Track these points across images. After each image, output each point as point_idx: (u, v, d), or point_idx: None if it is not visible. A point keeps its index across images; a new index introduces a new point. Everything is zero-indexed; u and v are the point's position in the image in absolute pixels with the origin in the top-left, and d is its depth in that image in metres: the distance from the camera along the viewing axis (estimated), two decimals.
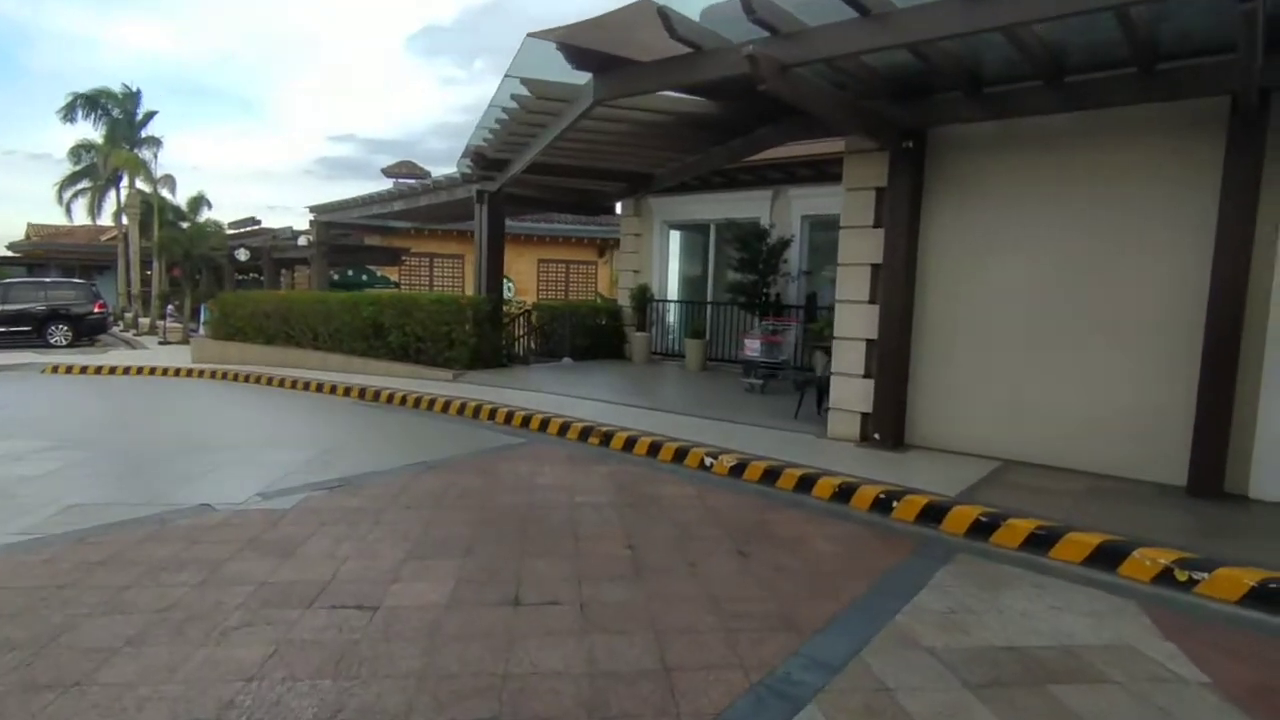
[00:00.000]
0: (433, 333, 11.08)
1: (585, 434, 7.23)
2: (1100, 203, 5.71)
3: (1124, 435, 5.63)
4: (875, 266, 6.66)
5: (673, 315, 13.50)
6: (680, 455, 6.40)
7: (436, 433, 7.63)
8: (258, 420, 8.36)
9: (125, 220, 29.98)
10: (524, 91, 6.81)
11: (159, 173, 28.36)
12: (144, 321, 25.92)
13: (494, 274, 11.53)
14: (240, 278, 27.31)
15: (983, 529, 4.57)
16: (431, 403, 9.02)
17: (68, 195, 34.21)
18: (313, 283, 18.70)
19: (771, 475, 5.76)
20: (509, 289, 26.55)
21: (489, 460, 6.35)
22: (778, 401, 9.11)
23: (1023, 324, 6.07)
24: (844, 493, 5.31)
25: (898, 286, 6.48)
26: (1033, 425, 6.01)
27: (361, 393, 9.97)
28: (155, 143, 30.50)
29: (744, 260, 11.26)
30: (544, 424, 7.67)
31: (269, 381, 11.44)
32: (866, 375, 6.74)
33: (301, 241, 18.73)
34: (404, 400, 9.36)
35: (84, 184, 34.71)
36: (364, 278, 20.35)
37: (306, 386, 10.79)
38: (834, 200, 11.35)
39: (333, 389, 10.40)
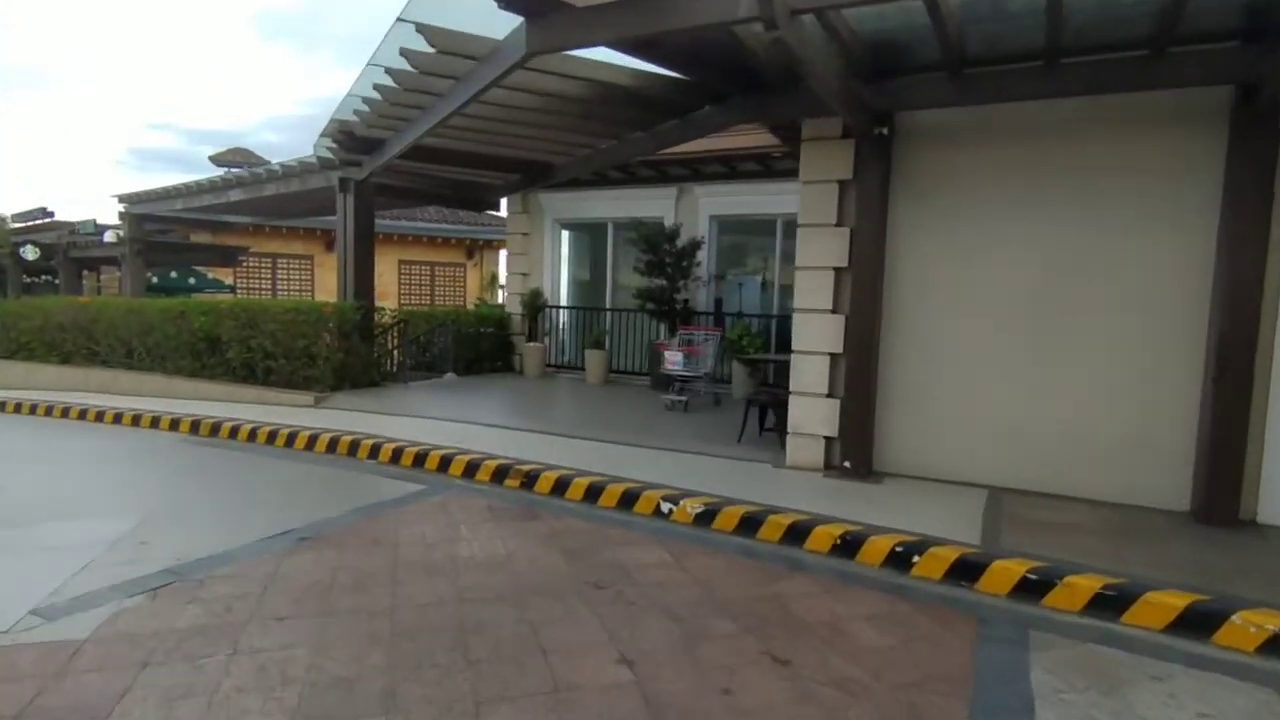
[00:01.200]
0: (288, 347, 9.16)
1: (500, 474, 5.88)
2: (1095, 201, 5.17)
3: (1121, 457, 5.12)
4: (839, 270, 5.83)
5: (566, 323, 12.24)
6: (629, 500, 5.24)
7: (302, 480, 5.97)
8: (42, 474, 6.25)
9: None
10: (418, 45, 5.35)
11: None
12: None
13: (363, 277, 9.76)
14: (30, 280, 22.81)
15: (1032, 588, 3.78)
16: (292, 437, 7.25)
17: None
18: (125, 287, 15.62)
19: (750, 524, 4.74)
20: None
21: (385, 522, 4.86)
22: (706, 420, 8.15)
23: (1006, 335, 5.45)
24: (848, 546, 4.37)
25: (865, 293, 5.69)
26: (1021, 448, 5.40)
27: (194, 426, 7.94)
28: None
29: (652, 263, 10.25)
30: (445, 462, 6.21)
31: (63, 413, 9.00)
32: (830, 394, 5.90)
33: (109, 238, 15.60)
34: (253, 435, 7.49)
35: None
36: (191, 281, 17.36)
37: (118, 419, 8.53)
38: (747, 199, 10.71)
39: (154, 422, 8.25)
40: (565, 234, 12.39)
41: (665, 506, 5.05)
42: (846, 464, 5.74)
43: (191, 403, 9.30)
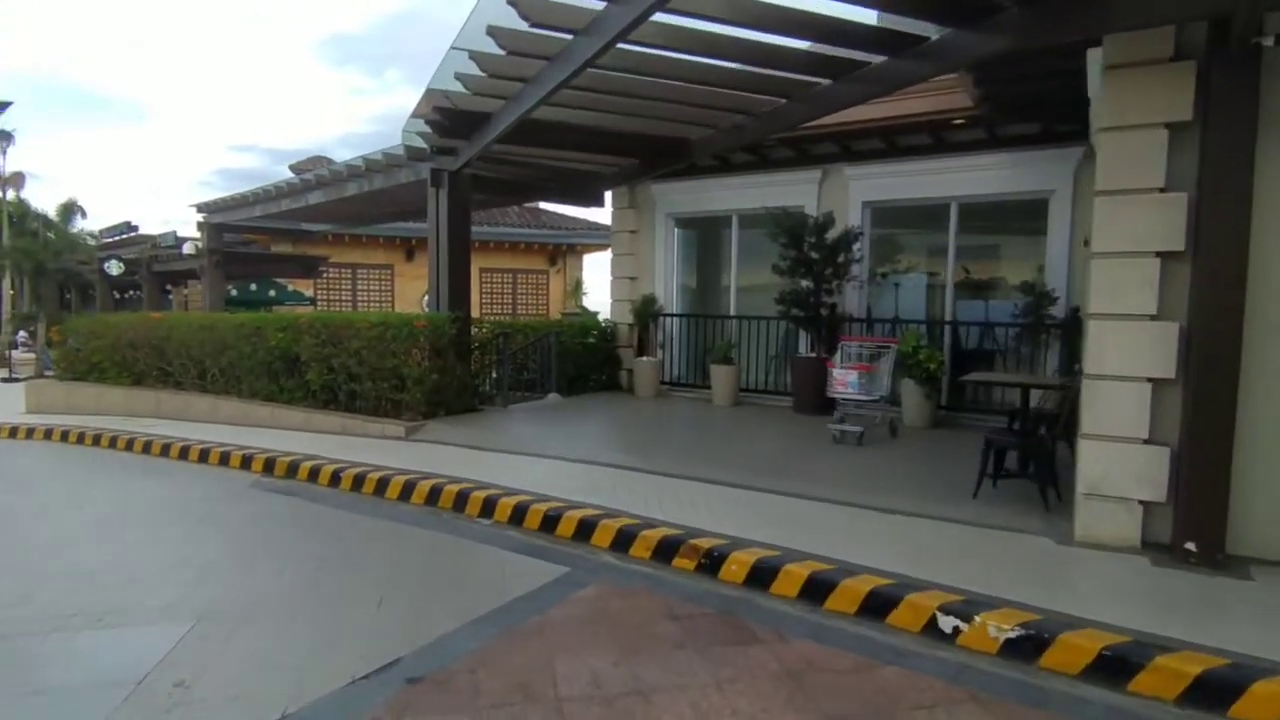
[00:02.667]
0: (374, 368, 7.80)
1: (667, 550, 4.23)
2: None
3: None
4: (1168, 256, 3.95)
5: (680, 334, 10.57)
6: (876, 607, 3.50)
7: (401, 553, 4.47)
8: (81, 540, 4.94)
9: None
10: None
11: (8, 170, 23.49)
12: None
13: (458, 284, 8.33)
14: (118, 296, 22.72)
15: None
16: (383, 484, 5.80)
17: None
18: (204, 300, 14.86)
19: (1113, 666, 2.93)
20: None
21: (528, 645, 3.26)
22: (894, 459, 6.34)
23: None
24: None
25: (1217, 289, 3.80)
26: None
27: (269, 464, 6.62)
28: (6, 137, 25.44)
29: (795, 261, 8.47)
30: (585, 529, 4.61)
31: (126, 446, 7.87)
32: (1153, 439, 4.01)
33: (187, 249, 14.86)
34: (336, 478, 6.09)
35: None
36: (271, 293, 16.55)
37: (184, 454, 7.32)
38: (912, 180, 8.61)
39: (224, 458, 6.98)
40: (678, 231, 10.73)
41: (947, 623, 3.29)
42: (1190, 545, 3.84)
43: (268, 432, 8.05)
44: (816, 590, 3.69)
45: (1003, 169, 8.01)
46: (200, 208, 14.24)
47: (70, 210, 28.79)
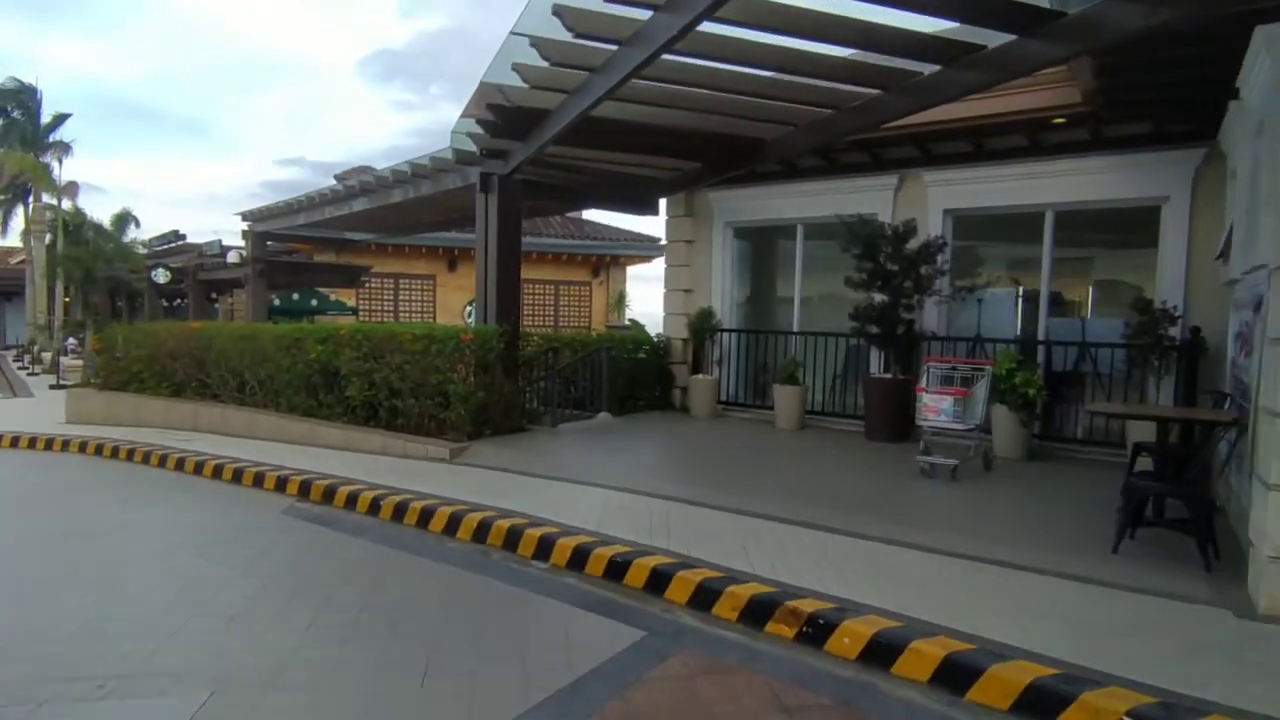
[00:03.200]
0: (418, 383, 7.31)
1: (759, 612, 3.57)
2: None
3: None
4: None
5: (737, 349, 9.90)
6: (1035, 703, 2.79)
7: (446, 607, 3.88)
8: (93, 576, 4.46)
9: (46, 240, 25.31)
10: None
11: (64, 180, 23.90)
12: (47, 357, 21.39)
13: (506, 295, 7.81)
14: (166, 305, 22.88)
15: None
16: (426, 514, 5.25)
17: None
18: (247, 310, 14.68)
19: None
20: None
21: None
22: (995, 496, 5.59)
23: None
24: None
25: None
26: None
27: (304, 487, 6.13)
28: (63, 148, 25.98)
29: (872, 273, 7.77)
30: (658, 581, 3.98)
31: (159, 461, 7.48)
32: None
33: (232, 258, 14.70)
34: (375, 505, 5.57)
35: None
36: (313, 302, 16.35)
37: (217, 473, 6.89)
38: (1000, 187, 7.63)
39: (258, 479, 6.52)
40: (736, 241, 10.08)
41: None
42: None
43: (305, 450, 7.60)
44: (955, 676, 2.99)
45: (1108, 173, 7.22)
46: (245, 216, 14.06)
47: (124, 220, 29.33)
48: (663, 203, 10.15)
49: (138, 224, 28.17)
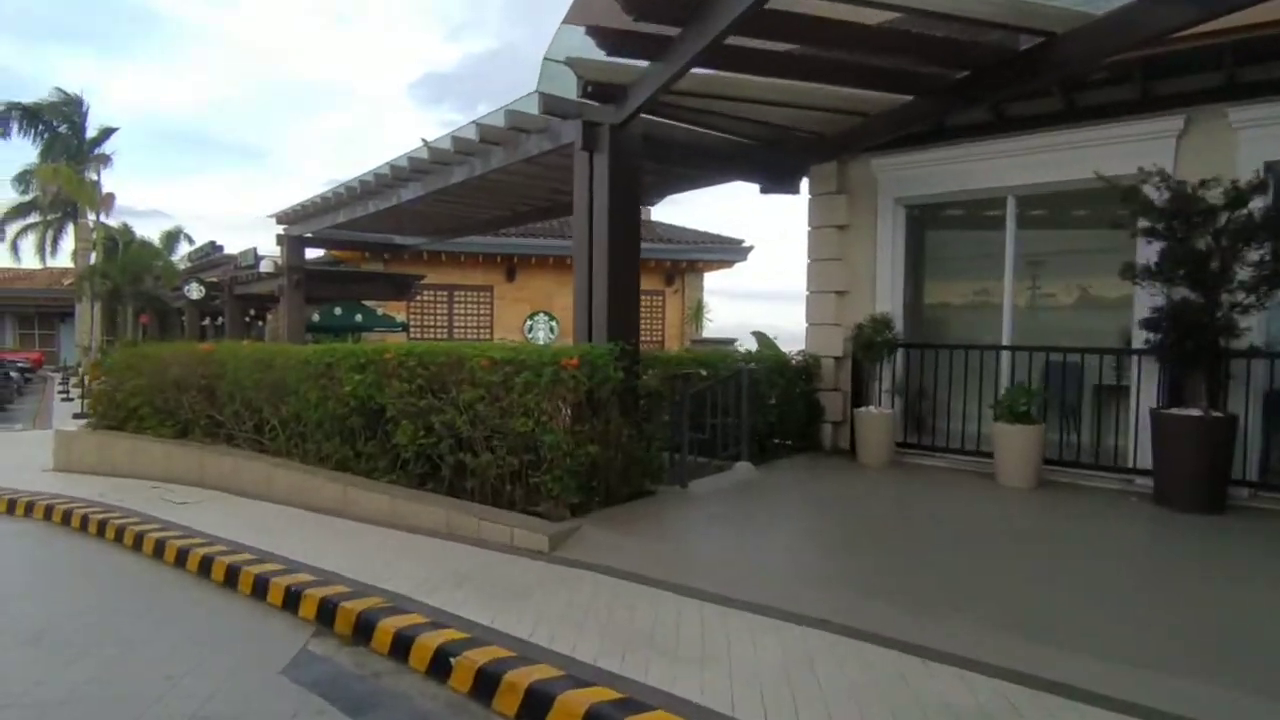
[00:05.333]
0: (496, 431, 4.92)
1: None
2: None
3: None
4: None
5: (918, 371, 7.25)
6: None
7: None
8: None
9: (91, 257, 24.09)
10: None
11: (104, 191, 22.56)
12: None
13: (622, 299, 5.37)
14: (206, 324, 21.20)
15: None
16: (536, 703, 2.79)
17: (12, 230, 28.61)
18: (283, 327, 12.64)
19: None
20: (552, 329, 20.52)
21: None
22: None
23: None
24: None
25: None
26: None
27: (327, 609, 3.75)
28: (104, 160, 24.77)
29: (1178, 259, 5.10)
30: None
31: (135, 542, 5.23)
32: None
33: (265, 267, 12.70)
34: (441, 661, 3.14)
35: (33, 218, 29.11)
36: (357, 318, 14.26)
37: (205, 568, 4.57)
38: None
39: (260, 586, 4.18)
40: (909, 224, 7.47)
41: None
42: None
43: (336, 525, 5.27)
44: None
45: None
46: (279, 218, 12.02)
47: (174, 237, 28.11)
48: (804, 182, 7.64)
49: (190, 241, 26.89)
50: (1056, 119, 6.26)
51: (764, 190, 7.49)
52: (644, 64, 4.69)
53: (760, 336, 8.10)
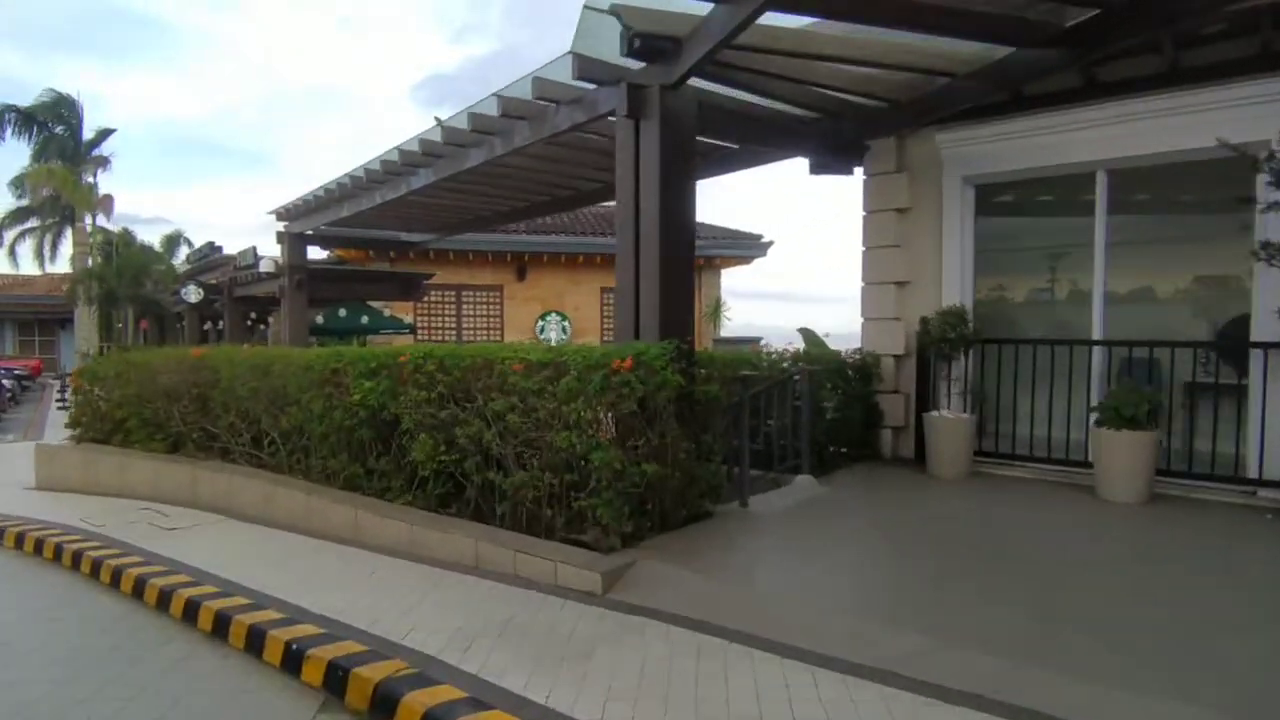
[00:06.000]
0: (531, 443, 4.18)
1: None
2: None
3: None
4: None
5: (996, 370, 6.47)
6: None
7: None
8: None
9: (89, 261, 23.42)
10: None
11: (100, 193, 21.90)
12: None
13: (675, 291, 4.61)
14: (206, 328, 20.50)
15: None
16: None
17: (10, 236, 27.99)
18: (285, 330, 11.93)
19: None
20: (564, 329, 19.75)
21: None
22: None
23: None
24: None
25: None
26: None
27: (335, 680, 3.01)
28: (103, 162, 24.13)
29: None
30: None
31: (113, 579, 4.50)
32: None
33: (265, 267, 11.99)
34: None
35: (31, 223, 28.49)
36: (364, 319, 13.53)
37: (191, 614, 3.83)
38: None
39: (255, 640, 3.44)
40: (979, 206, 6.69)
41: None
42: None
43: (347, 554, 4.53)
44: None
45: None
46: (279, 214, 11.31)
47: (175, 241, 27.46)
48: (861, 166, 6.88)
49: (190, 245, 26.22)
50: (1158, 82, 5.49)
51: (815, 170, 6.72)
52: (704, 7, 3.94)
53: (808, 334, 7.35)
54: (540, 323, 18.46)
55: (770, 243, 19.32)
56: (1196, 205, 5.96)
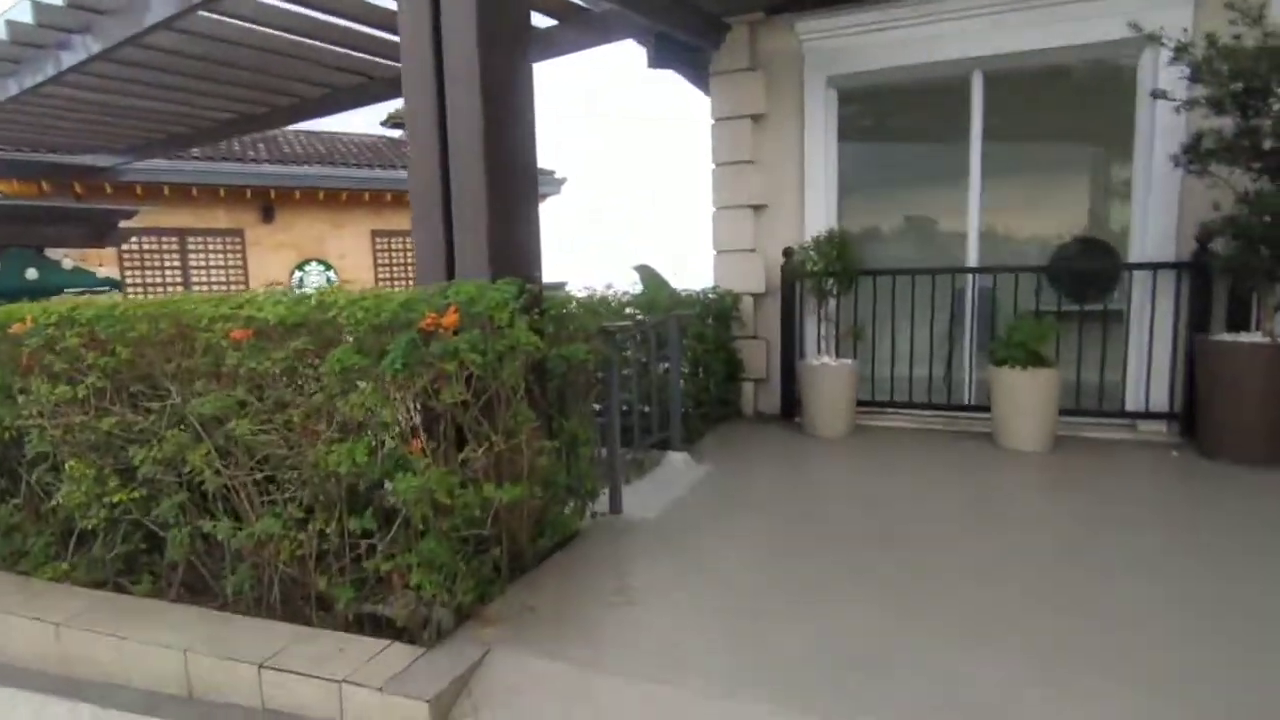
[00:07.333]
0: (287, 464, 2.38)
1: None
2: None
3: None
4: None
5: (870, 306, 5.59)
6: None
7: None
8: None
9: None
10: None
11: None
12: None
13: (512, 200, 2.97)
14: None
15: None
16: None
17: None
18: None
19: None
20: (327, 279, 16.72)
21: None
22: None
23: None
24: None
25: None
26: None
27: None
28: None
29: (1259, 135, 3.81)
30: None
31: None
32: None
33: None
34: None
35: None
36: (31, 274, 9.80)
37: None
38: None
39: None
40: (842, 112, 5.69)
41: None
42: None
43: None
44: None
45: None
46: None
47: None
48: (713, 59, 5.56)
49: None
50: None
51: (654, 63, 5.31)
52: None
53: (646, 271, 6.03)
54: (299, 274, 15.42)
55: (563, 179, 17.72)
56: (1083, 111, 5.40)
